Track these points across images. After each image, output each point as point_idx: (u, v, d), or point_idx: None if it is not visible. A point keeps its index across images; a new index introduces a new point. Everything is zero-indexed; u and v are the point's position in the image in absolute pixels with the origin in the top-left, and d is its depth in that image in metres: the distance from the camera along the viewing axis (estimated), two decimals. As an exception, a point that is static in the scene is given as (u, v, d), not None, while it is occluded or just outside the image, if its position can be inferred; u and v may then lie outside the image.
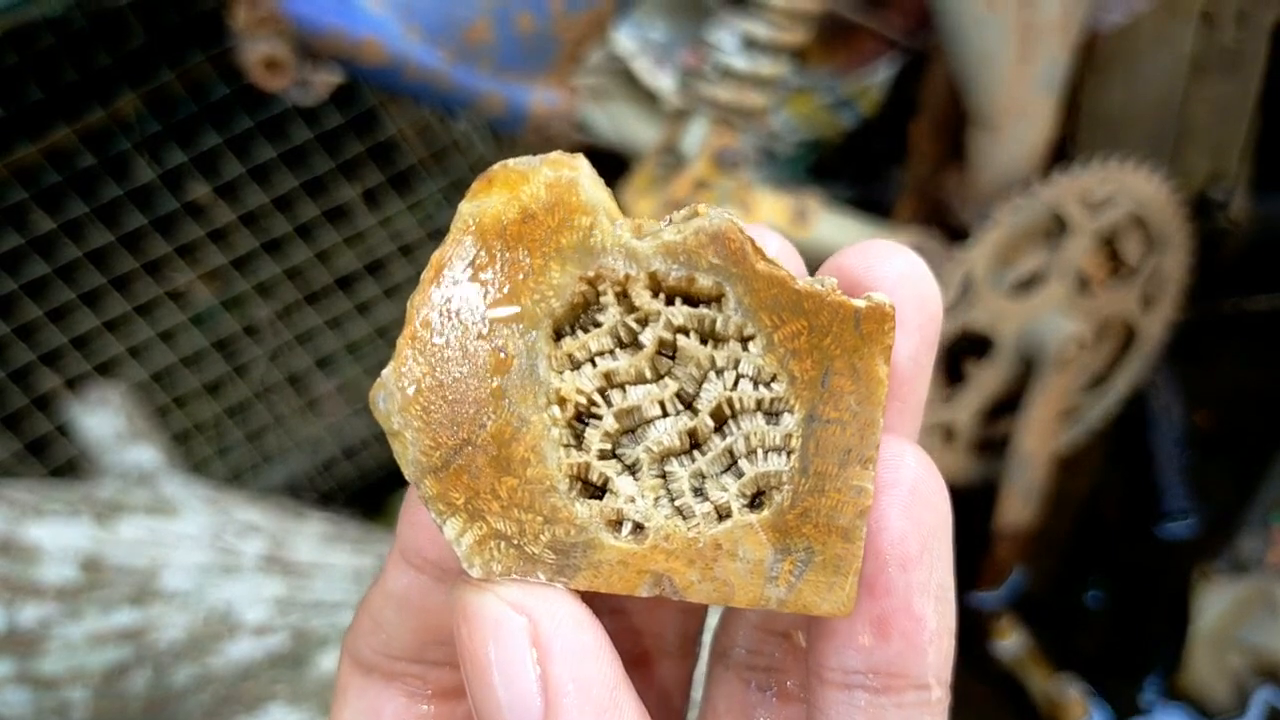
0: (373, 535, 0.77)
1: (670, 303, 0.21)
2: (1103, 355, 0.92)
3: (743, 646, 0.25)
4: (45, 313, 0.96)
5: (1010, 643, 0.93)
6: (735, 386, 0.21)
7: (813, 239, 0.76)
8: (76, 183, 0.93)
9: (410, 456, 0.21)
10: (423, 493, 0.21)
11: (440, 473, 0.21)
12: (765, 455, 0.21)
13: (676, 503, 0.21)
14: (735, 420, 0.21)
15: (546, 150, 0.22)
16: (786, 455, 0.21)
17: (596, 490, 0.22)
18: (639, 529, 0.21)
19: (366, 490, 1.14)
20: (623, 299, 0.22)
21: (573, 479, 0.21)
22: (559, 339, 0.22)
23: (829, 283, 0.21)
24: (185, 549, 0.68)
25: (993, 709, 0.92)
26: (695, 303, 0.21)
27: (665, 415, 0.22)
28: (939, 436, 0.87)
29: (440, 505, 0.21)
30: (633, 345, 0.22)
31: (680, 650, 0.27)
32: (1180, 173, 0.88)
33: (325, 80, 0.73)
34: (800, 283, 0.21)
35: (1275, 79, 0.90)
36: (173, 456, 0.85)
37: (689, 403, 0.22)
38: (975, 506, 0.91)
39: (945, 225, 0.86)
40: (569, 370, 0.22)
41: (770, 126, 0.88)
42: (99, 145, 0.94)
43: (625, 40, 0.85)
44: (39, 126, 0.93)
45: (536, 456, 0.21)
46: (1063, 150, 0.86)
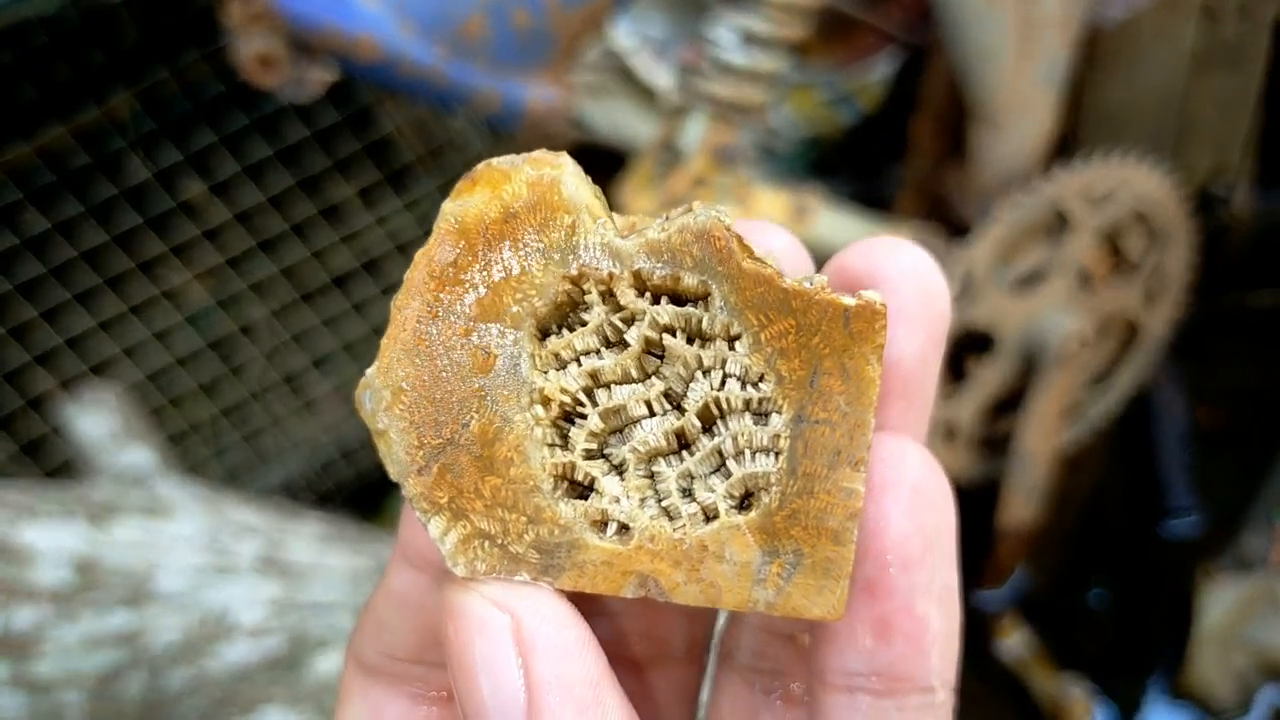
0: (370, 536, 0.77)
1: (656, 301, 0.21)
2: (1105, 352, 0.91)
3: (747, 649, 0.24)
4: (40, 313, 0.95)
5: (1013, 642, 0.93)
6: (722, 386, 0.21)
7: (813, 236, 0.75)
8: (70, 182, 0.93)
9: (394, 456, 0.21)
10: (407, 492, 0.21)
11: (424, 472, 0.21)
12: (753, 456, 0.21)
13: (663, 503, 0.21)
14: (724, 420, 0.21)
15: (543, 148, 0.22)
16: (774, 456, 0.21)
17: (583, 491, 0.22)
18: (624, 530, 0.21)
19: (364, 491, 1.13)
20: (608, 298, 0.21)
21: (557, 479, 0.21)
22: (544, 338, 0.22)
23: (818, 280, 0.21)
24: (181, 550, 0.68)
25: (995, 709, 0.92)
26: (681, 301, 0.21)
27: (652, 415, 0.22)
28: (940, 435, 0.87)
29: (424, 504, 0.21)
30: (619, 344, 0.22)
31: (688, 654, 0.26)
32: (1182, 168, 0.88)
33: (320, 77, 0.73)
34: (787, 281, 0.20)
35: (1277, 74, 0.90)
36: (168, 457, 0.84)
37: (677, 403, 0.22)
38: (977, 505, 0.91)
39: (946, 221, 0.86)
40: (554, 370, 0.22)
41: (769, 123, 0.88)
42: (93, 144, 0.93)
43: (623, 36, 0.85)
44: (32, 125, 0.93)
45: (520, 456, 0.21)
46: (1065, 146, 0.86)
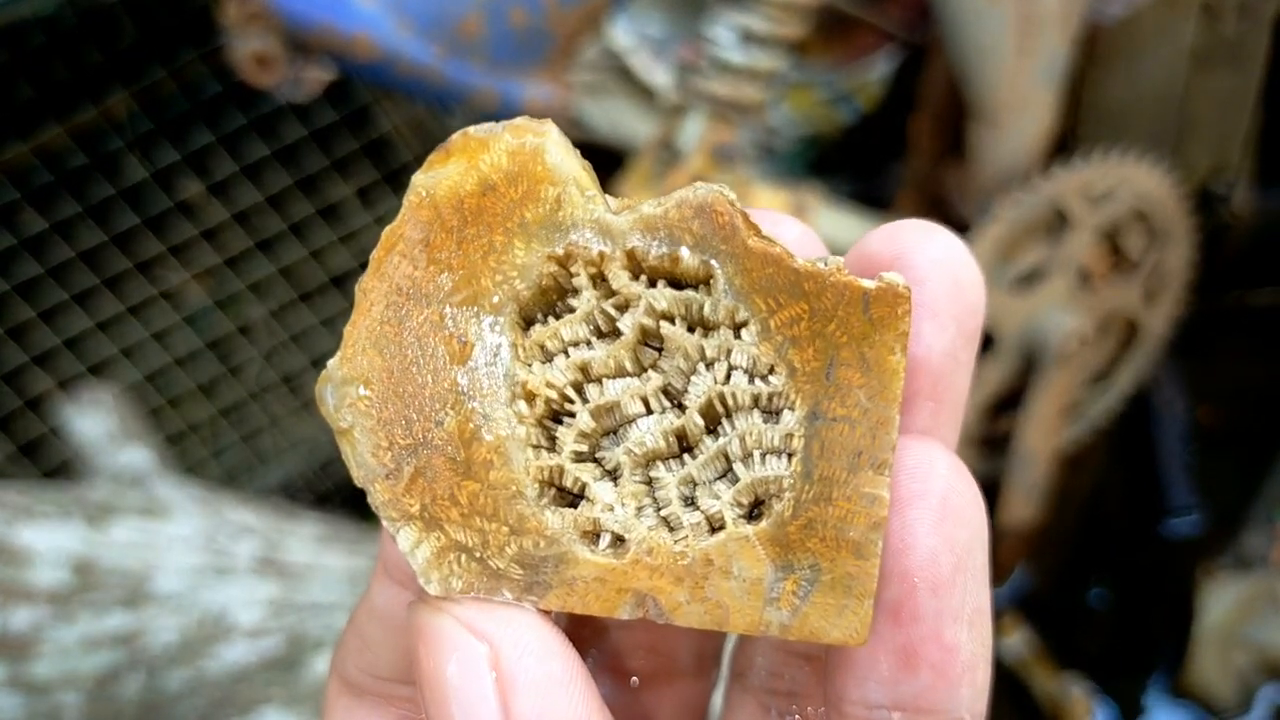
0: (369, 537, 0.77)
1: (653, 285, 0.19)
2: (1105, 351, 0.91)
3: (762, 668, 0.22)
4: (38, 313, 0.95)
5: (1013, 641, 0.93)
6: (728, 380, 0.19)
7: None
8: (68, 182, 0.93)
9: (359, 458, 0.19)
10: (373, 499, 0.19)
11: (393, 476, 0.19)
12: (763, 458, 0.19)
13: (663, 512, 0.19)
14: (729, 419, 0.19)
15: None
16: (787, 458, 0.19)
17: (573, 498, 0.19)
18: (619, 542, 0.19)
19: (363, 492, 1.13)
20: (599, 282, 0.19)
21: (543, 484, 0.19)
22: (528, 327, 0.19)
23: (833, 261, 0.18)
24: (178, 551, 0.68)
25: (996, 709, 0.91)
26: (681, 285, 0.19)
27: (649, 413, 0.19)
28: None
29: (393, 513, 0.19)
30: (611, 334, 0.19)
31: (696, 669, 0.25)
32: (1182, 166, 0.88)
33: (317, 77, 0.72)
34: (799, 261, 0.18)
35: (1277, 72, 0.90)
36: (166, 458, 0.84)
37: (677, 399, 0.19)
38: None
39: (945, 220, 0.85)
40: (539, 362, 0.19)
41: (768, 121, 0.88)
42: (91, 144, 0.93)
43: (621, 35, 0.85)
44: (30, 125, 0.93)
45: (501, 458, 0.19)
46: (1065, 144, 0.86)
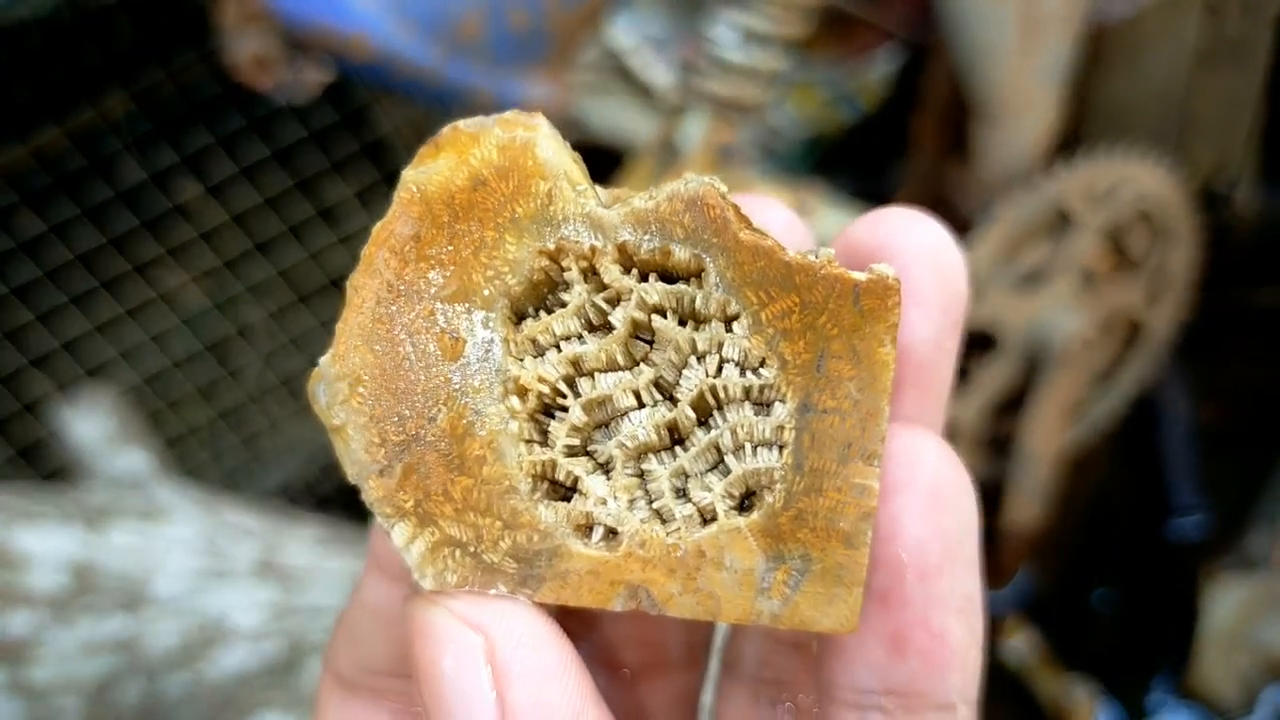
0: (369, 539, 0.76)
1: (644, 279, 0.19)
2: (1108, 351, 0.91)
3: (752, 658, 0.23)
4: (36, 316, 0.95)
5: (1017, 643, 0.93)
6: (719, 373, 0.19)
7: (815, 233, 0.75)
8: (66, 184, 0.92)
9: (352, 454, 0.19)
10: (367, 495, 0.19)
11: (386, 473, 0.19)
12: (754, 450, 0.19)
13: (655, 505, 0.19)
14: (721, 411, 0.19)
15: None
16: (778, 450, 0.19)
17: (566, 492, 0.20)
18: (612, 535, 0.19)
19: (359, 490, 1.13)
20: (590, 276, 0.19)
21: (536, 479, 0.19)
22: (520, 321, 0.20)
23: (824, 254, 0.19)
24: (178, 554, 0.68)
25: (999, 710, 0.91)
26: (672, 279, 0.19)
27: (641, 406, 0.19)
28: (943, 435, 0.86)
29: (387, 509, 0.19)
30: (603, 328, 0.20)
31: (687, 660, 0.25)
32: (1185, 165, 0.87)
33: (315, 77, 0.72)
34: (790, 254, 0.19)
35: (1280, 70, 0.90)
36: (165, 461, 0.84)
37: (668, 393, 0.20)
38: (981, 506, 0.91)
39: (948, 219, 0.85)
40: (531, 357, 0.19)
41: (769, 121, 0.87)
42: (88, 146, 0.93)
43: (622, 35, 0.84)
44: (27, 127, 0.92)
45: (493, 453, 0.19)
46: (1067, 143, 0.86)
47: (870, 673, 0.19)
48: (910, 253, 0.20)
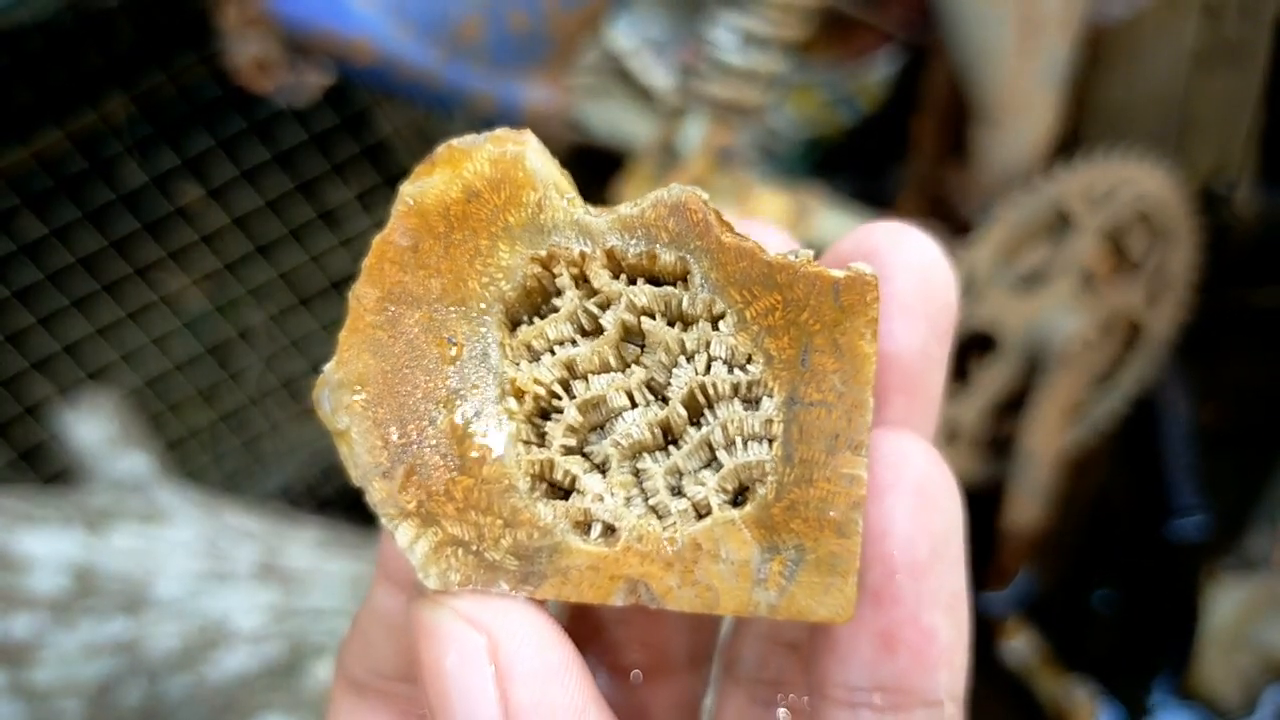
0: (370, 542, 0.76)
1: (633, 283, 0.20)
2: (1108, 353, 0.91)
3: (750, 659, 0.23)
4: (37, 319, 0.95)
5: (1018, 644, 0.93)
6: (708, 370, 0.20)
7: (814, 236, 0.75)
8: (67, 186, 0.92)
9: (356, 457, 0.20)
10: (370, 497, 0.20)
11: (389, 475, 0.20)
12: (745, 445, 0.20)
13: (651, 501, 0.20)
14: (711, 409, 0.20)
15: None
16: (768, 444, 0.19)
17: (564, 490, 0.20)
18: (610, 531, 0.20)
19: (363, 495, 1.13)
20: (581, 282, 0.20)
21: (535, 478, 0.20)
22: (515, 327, 0.20)
23: (803, 254, 0.19)
24: (179, 557, 0.68)
25: (1000, 711, 0.91)
26: (659, 282, 0.20)
27: (634, 406, 0.20)
28: (943, 436, 0.86)
29: (390, 510, 0.20)
30: (595, 331, 0.20)
31: (690, 664, 0.25)
32: (1184, 166, 0.87)
33: (316, 80, 0.72)
34: (771, 254, 0.19)
35: (1278, 72, 0.89)
36: (166, 463, 0.84)
37: (660, 392, 0.20)
38: (981, 507, 0.91)
39: (947, 221, 0.85)
40: (526, 360, 0.20)
41: (768, 123, 0.87)
42: (89, 148, 0.93)
43: (621, 37, 0.84)
44: (29, 130, 0.92)
45: (492, 454, 0.20)
46: (1067, 145, 0.86)
47: (861, 670, 0.19)
48: (898, 264, 0.21)
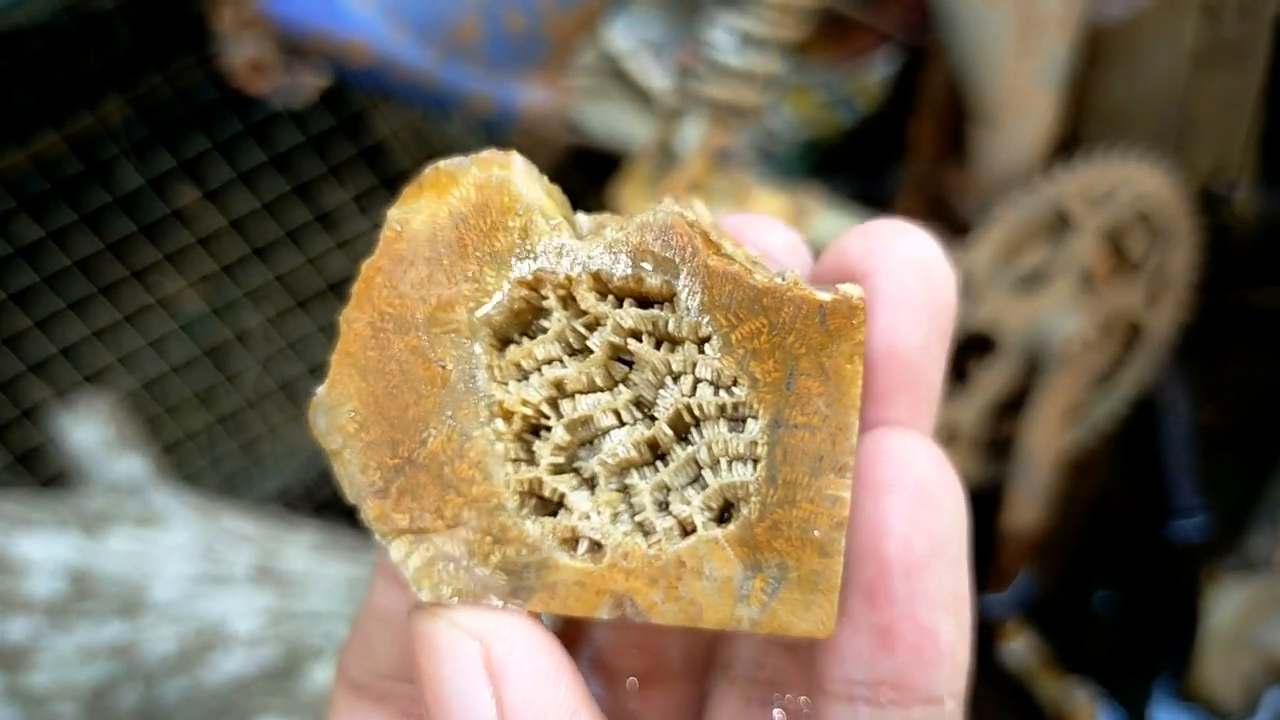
0: (367, 545, 0.76)
1: (620, 304, 0.20)
2: (1108, 353, 0.91)
3: (745, 659, 0.23)
4: (34, 322, 0.95)
5: (1017, 646, 0.93)
6: (694, 392, 0.20)
7: (813, 237, 0.74)
8: (63, 189, 0.92)
9: (350, 476, 0.20)
10: (365, 515, 0.20)
11: (382, 494, 0.20)
12: (730, 465, 0.20)
13: (637, 518, 0.20)
14: (697, 428, 0.20)
15: (536, 151, 0.21)
16: (752, 464, 0.20)
17: (552, 507, 0.21)
18: (596, 547, 0.20)
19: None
20: (569, 303, 0.20)
21: (523, 496, 0.20)
22: (503, 348, 0.21)
23: (790, 276, 0.20)
24: (175, 560, 0.67)
25: (1000, 714, 0.91)
26: (646, 303, 0.20)
27: (621, 425, 0.21)
28: (942, 438, 0.86)
29: (383, 527, 0.20)
30: (583, 351, 0.21)
31: (687, 670, 0.25)
32: (1184, 167, 0.87)
33: (312, 82, 0.72)
34: (757, 277, 0.19)
35: (1278, 72, 0.89)
36: (163, 467, 0.84)
37: (647, 411, 0.21)
38: (980, 508, 0.90)
39: (946, 222, 0.85)
40: (515, 380, 0.21)
41: (766, 125, 0.87)
42: (86, 151, 0.93)
43: (619, 38, 0.84)
44: (25, 132, 0.92)
45: (481, 473, 0.20)
46: (1066, 146, 0.86)
47: (858, 665, 0.19)
48: (898, 262, 0.21)
